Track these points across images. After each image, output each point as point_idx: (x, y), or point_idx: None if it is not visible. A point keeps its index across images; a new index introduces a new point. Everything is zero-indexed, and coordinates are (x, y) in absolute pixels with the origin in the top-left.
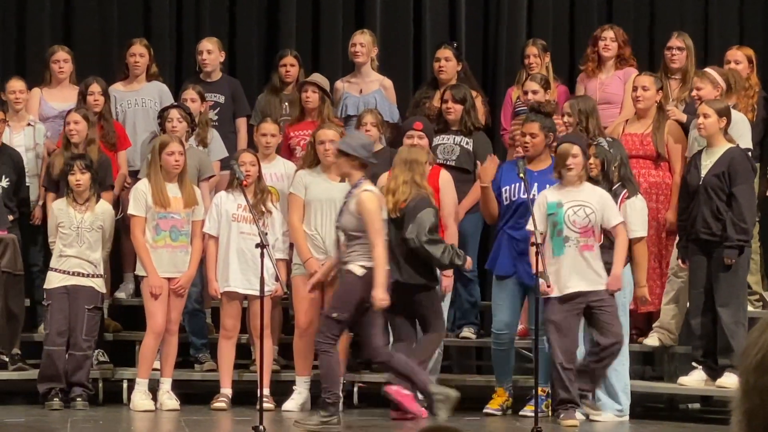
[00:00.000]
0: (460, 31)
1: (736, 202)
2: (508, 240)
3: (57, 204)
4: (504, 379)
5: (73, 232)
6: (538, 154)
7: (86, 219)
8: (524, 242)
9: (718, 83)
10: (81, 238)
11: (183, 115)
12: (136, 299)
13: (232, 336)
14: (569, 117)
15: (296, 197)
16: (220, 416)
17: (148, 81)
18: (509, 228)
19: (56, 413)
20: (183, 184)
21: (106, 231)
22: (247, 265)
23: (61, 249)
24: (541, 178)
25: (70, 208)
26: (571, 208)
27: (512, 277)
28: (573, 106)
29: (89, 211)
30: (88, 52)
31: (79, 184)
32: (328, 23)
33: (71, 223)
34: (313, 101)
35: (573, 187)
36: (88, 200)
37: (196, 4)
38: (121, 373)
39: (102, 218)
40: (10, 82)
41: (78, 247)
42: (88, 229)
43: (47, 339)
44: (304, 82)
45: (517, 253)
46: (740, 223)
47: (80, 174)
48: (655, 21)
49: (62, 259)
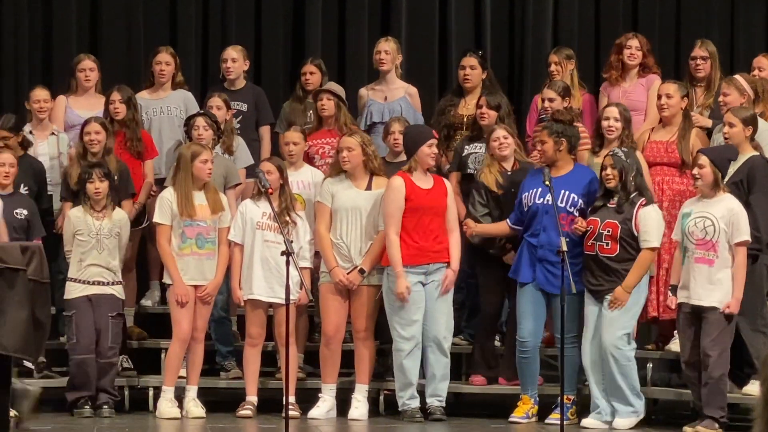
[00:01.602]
0: (485, 39)
1: (751, 210)
2: (527, 247)
3: (74, 212)
4: (529, 386)
5: (92, 239)
6: (549, 160)
7: (104, 226)
8: (542, 249)
9: (745, 90)
10: (101, 245)
11: (209, 122)
12: (161, 307)
13: (258, 344)
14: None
15: (323, 206)
16: (245, 424)
17: (173, 89)
18: (528, 235)
19: (84, 421)
20: (208, 191)
21: (123, 238)
22: (271, 273)
23: (80, 257)
24: (558, 185)
25: (88, 216)
26: (694, 219)
27: (532, 284)
28: (623, 113)
29: (107, 218)
30: (115, 60)
31: (98, 192)
32: (354, 31)
33: (90, 231)
34: (328, 109)
35: (707, 198)
36: (105, 208)
37: (221, 13)
38: (146, 380)
39: (119, 225)
40: (35, 91)
41: (98, 254)
42: (107, 236)
43: (76, 349)
44: (319, 91)
45: (537, 260)
46: (754, 232)
47: (99, 182)
48: (681, 28)
49: (82, 268)
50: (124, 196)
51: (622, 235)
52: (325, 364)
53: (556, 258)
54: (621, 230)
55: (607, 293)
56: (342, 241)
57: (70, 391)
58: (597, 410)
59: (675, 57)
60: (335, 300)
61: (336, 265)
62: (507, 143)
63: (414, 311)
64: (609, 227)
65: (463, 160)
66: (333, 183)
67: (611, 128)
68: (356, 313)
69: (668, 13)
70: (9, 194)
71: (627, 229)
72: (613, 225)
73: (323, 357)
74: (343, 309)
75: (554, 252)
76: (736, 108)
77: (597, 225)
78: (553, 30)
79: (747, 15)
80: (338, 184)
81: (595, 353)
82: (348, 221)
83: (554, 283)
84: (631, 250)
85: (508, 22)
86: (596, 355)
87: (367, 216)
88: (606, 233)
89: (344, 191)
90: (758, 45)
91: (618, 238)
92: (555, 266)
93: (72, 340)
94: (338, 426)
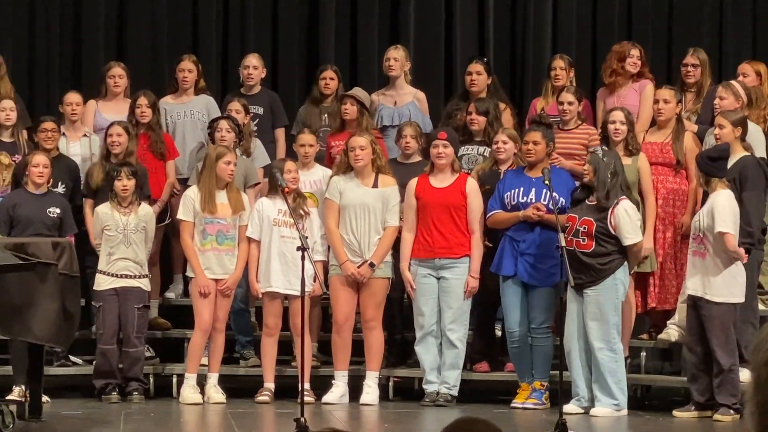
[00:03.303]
0: (488, 47)
1: (743, 207)
2: (509, 242)
3: (102, 208)
4: (525, 374)
5: (120, 234)
6: (540, 160)
7: (131, 221)
8: (524, 243)
9: (740, 96)
10: (128, 240)
11: (231, 126)
12: (184, 299)
13: (275, 334)
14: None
15: (331, 202)
16: (263, 409)
17: (196, 94)
18: (510, 231)
19: (112, 406)
20: (231, 191)
21: (149, 232)
22: (288, 266)
23: (109, 251)
24: (539, 185)
25: (115, 212)
26: (697, 214)
27: (515, 277)
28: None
29: (133, 213)
30: (140, 67)
31: (125, 189)
32: (365, 39)
33: (117, 226)
34: (351, 113)
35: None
36: (131, 204)
37: (240, 23)
38: (171, 368)
39: (145, 220)
40: (67, 95)
41: (125, 248)
42: (134, 231)
43: (101, 338)
44: (344, 95)
45: (519, 254)
46: (746, 227)
47: (126, 180)
48: (672, 35)
49: (111, 262)
50: (140, 197)
51: (598, 232)
52: (337, 351)
53: (536, 252)
54: (596, 227)
55: (586, 287)
56: (352, 235)
57: (96, 378)
58: (577, 397)
59: (667, 63)
60: (345, 291)
61: (347, 260)
62: (505, 148)
63: (423, 302)
64: (585, 224)
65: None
66: (341, 181)
67: (617, 131)
68: (365, 303)
69: (660, 22)
70: (42, 193)
71: (602, 226)
72: (589, 222)
73: (335, 345)
74: (353, 300)
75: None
76: (726, 111)
77: (575, 222)
78: (552, 38)
79: (734, 24)
80: (346, 181)
81: (576, 344)
82: (357, 217)
83: (534, 276)
84: (607, 245)
85: (509, 31)
86: (578, 345)
87: (374, 212)
88: (582, 230)
89: (352, 189)
90: (745, 53)
91: (593, 235)
92: (536, 260)
93: (99, 330)
94: (350, 410)
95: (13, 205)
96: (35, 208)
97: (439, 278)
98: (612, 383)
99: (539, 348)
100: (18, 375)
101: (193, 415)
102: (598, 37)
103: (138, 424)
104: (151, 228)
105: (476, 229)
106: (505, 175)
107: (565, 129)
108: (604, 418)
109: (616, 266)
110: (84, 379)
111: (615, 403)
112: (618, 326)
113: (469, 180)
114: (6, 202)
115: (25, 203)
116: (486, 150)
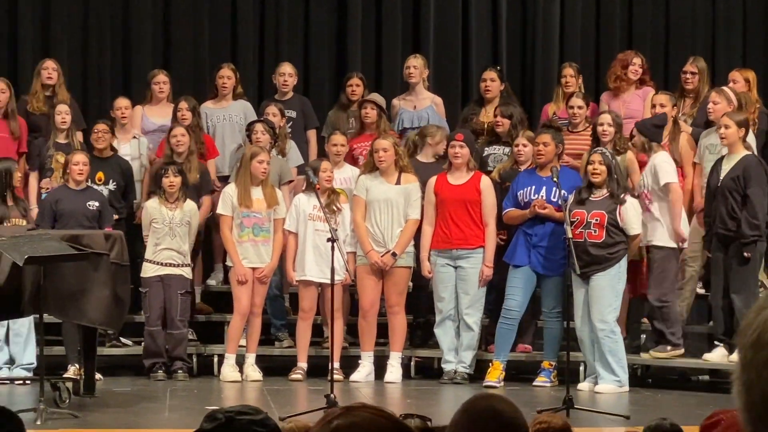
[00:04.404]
0: (501, 56)
1: (749, 202)
2: (523, 236)
3: (150, 203)
4: (502, 353)
5: (166, 227)
6: (550, 161)
7: (176, 216)
8: (537, 237)
9: (732, 100)
10: (173, 232)
11: (266, 128)
12: (224, 286)
13: (308, 318)
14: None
15: (359, 198)
16: (296, 386)
17: (234, 100)
18: (524, 226)
19: (159, 383)
20: (266, 187)
21: (193, 226)
22: (321, 257)
23: (155, 242)
24: (549, 183)
25: (163, 207)
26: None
27: (527, 267)
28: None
29: (179, 209)
30: (184, 75)
31: (172, 186)
32: (388, 48)
33: (164, 220)
34: (371, 117)
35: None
36: (177, 200)
37: (275, 33)
38: (212, 349)
39: (189, 215)
40: (118, 101)
41: (171, 240)
42: (179, 224)
43: (148, 321)
44: (364, 101)
45: (531, 246)
46: (753, 221)
47: (173, 177)
48: (669, 45)
49: (156, 251)
50: (205, 192)
51: (608, 223)
52: (363, 334)
53: (548, 244)
54: (607, 219)
55: (591, 274)
56: (376, 228)
57: (145, 358)
58: (592, 375)
59: (665, 69)
60: (370, 279)
61: (371, 249)
62: (524, 150)
63: (441, 289)
64: (597, 216)
65: (484, 160)
66: (367, 179)
67: (605, 132)
68: (389, 290)
69: (659, 32)
70: (83, 189)
71: (613, 218)
72: (601, 215)
73: (361, 328)
74: (378, 287)
75: (548, 239)
76: (731, 112)
77: (584, 216)
78: (559, 47)
79: (726, 35)
80: (372, 179)
81: (585, 327)
82: (381, 211)
83: (546, 266)
84: (614, 236)
85: (521, 41)
86: (587, 328)
87: (397, 206)
88: (594, 222)
89: (378, 186)
90: (735, 61)
91: (605, 226)
92: (548, 251)
93: (146, 313)
94: (376, 387)
95: (56, 200)
96: (76, 202)
97: (456, 267)
98: (613, 362)
99: (549, 330)
100: (71, 354)
101: (232, 391)
102: (601, 47)
103: (182, 400)
104: (195, 222)
105: (490, 222)
106: (518, 175)
107: (575, 131)
108: (608, 394)
109: (621, 255)
110: (133, 359)
111: (617, 380)
112: (618, 310)
113: (484, 177)
114: (49, 198)
115: (66, 198)
116: (510, 150)
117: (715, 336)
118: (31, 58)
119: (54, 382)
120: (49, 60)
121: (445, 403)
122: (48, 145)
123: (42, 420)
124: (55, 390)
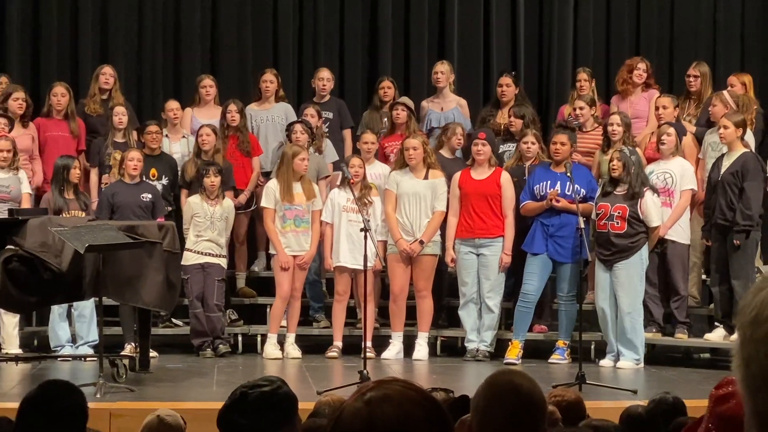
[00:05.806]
0: (519, 61)
1: (745, 195)
2: (541, 226)
3: (192, 199)
4: (521, 333)
5: (207, 221)
6: (566, 158)
7: (216, 211)
8: (553, 227)
9: (729, 104)
10: (213, 226)
11: (305, 128)
12: (267, 272)
13: (343, 300)
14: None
15: (390, 192)
16: (332, 363)
17: (276, 102)
18: (541, 217)
19: (207, 360)
20: (304, 182)
21: (230, 221)
22: (354, 245)
23: (196, 233)
24: (563, 178)
25: (204, 203)
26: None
27: (544, 254)
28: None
29: (219, 205)
30: (230, 79)
31: (213, 185)
32: (416, 54)
33: (205, 214)
34: (401, 118)
35: (664, 159)
36: (217, 197)
37: (313, 40)
38: (255, 329)
39: (227, 211)
40: (168, 103)
41: (210, 233)
42: (218, 219)
43: (191, 304)
44: (395, 103)
45: (548, 236)
46: (746, 211)
47: (214, 177)
48: (674, 50)
49: (197, 242)
50: (226, 188)
51: (630, 216)
52: (393, 316)
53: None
54: (629, 212)
55: (615, 262)
56: (406, 219)
57: (193, 338)
58: (612, 354)
59: (670, 73)
60: (400, 266)
61: (400, 238)
62: (531, 148)
63: (465, 275)
64: (619, 209)
65: (500, 157)
66: (398, 174)
67: (614, 132)
68: (417, 276)
69: (665, 39)
70: (136, 183)
71: (633, 211)
72: (623, 208)
73: (392, 311)
74: (406, 273)
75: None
76: (730, 113)
77: (608, 208)
78: (573, 53)
79: (725, 42)
80: (402, 175)
81: (607, 309)
82: (410, 204)
83: (562, 253)
84: (636, 227)
85: (537, 48)
86: (609, 310)
87: (424, 199)
88: (617, 214)
89: (407, 181)
90: (734, 66)
91: (627, 218)
92: (564, 240)
93: (189, 298)
94: (405, 364)
95: (112, 193)
96: (130, 195)
97: (478, 255)
98: (636, 341)
99: (565, 312)
100: (127, 334)
101: (274, 368)
102: (611, 53)
103: (228, 376)
104: (232, 218)
105: (509, 214)
106: (535, 171)
107: (584, 131)
108: (628, 370)
109: (641, 244)
110: (184, 338)
111: (636, 358)
112: (642, 293)
113: (504, 173)
114: (106, 192)
115: (121, 192)
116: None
117: (715, 318)
118: (90, 65)
119: (112, 359)
120: (106, 66)
121: (467, 378)
122: (107, 144)
123: (101, 393)
124: (113, 366)
